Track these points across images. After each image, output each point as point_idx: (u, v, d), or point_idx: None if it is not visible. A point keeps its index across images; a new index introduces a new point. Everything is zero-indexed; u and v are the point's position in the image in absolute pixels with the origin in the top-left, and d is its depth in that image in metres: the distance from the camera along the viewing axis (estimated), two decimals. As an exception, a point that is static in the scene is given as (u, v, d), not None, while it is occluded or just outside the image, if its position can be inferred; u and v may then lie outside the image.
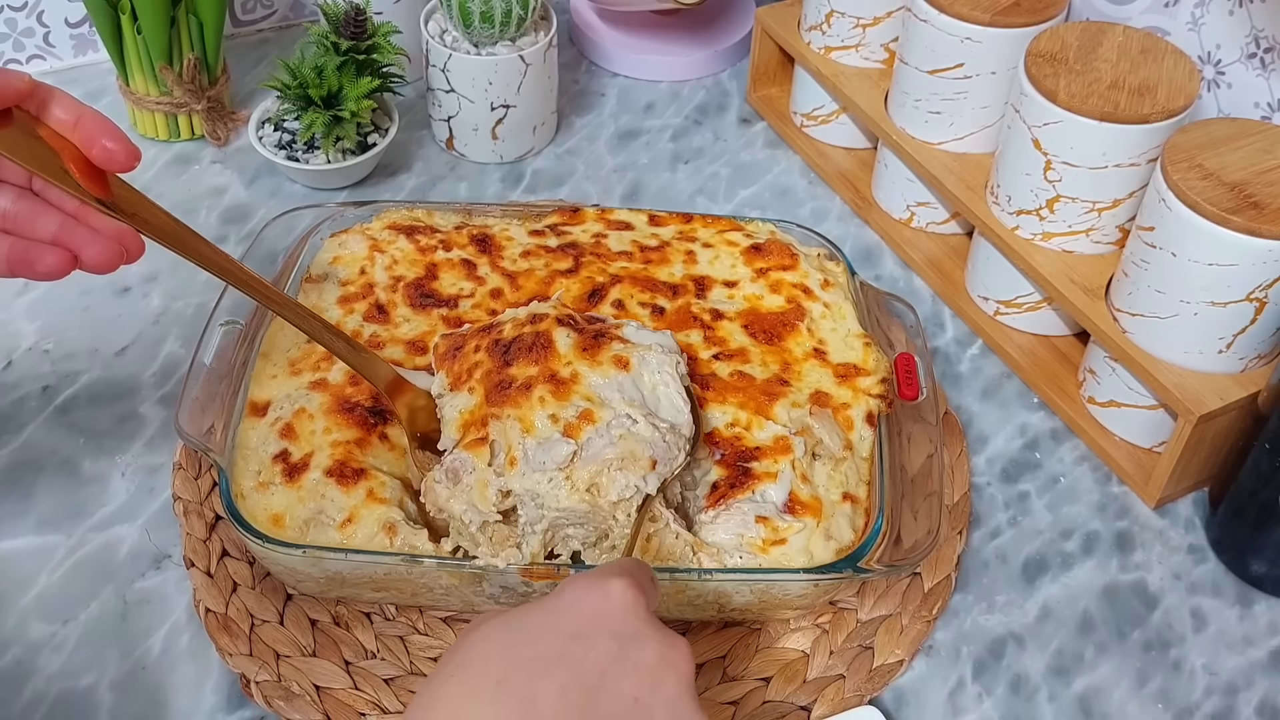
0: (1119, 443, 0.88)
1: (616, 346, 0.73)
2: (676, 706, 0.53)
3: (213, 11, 1.02)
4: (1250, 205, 0.76)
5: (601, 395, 0.71)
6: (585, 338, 0.73)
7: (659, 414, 0.72)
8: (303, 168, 1.02)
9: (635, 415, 0.70)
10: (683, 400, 0.73)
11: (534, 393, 0.71)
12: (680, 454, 0.71)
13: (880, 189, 1.05)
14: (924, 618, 0.78)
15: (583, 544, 0.71)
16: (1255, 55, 0.89)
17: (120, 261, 0.66)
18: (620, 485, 0.68)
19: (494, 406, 0.71)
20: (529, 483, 0.69)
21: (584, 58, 1.21)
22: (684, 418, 0.72)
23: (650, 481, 0.69)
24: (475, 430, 0.71)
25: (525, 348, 0.73)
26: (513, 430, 0.70)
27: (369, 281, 0.83)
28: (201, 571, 0.78)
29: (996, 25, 0.91)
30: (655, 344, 0.75)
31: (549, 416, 0.70)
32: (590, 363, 0.72)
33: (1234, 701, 0.76)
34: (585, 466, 0.69)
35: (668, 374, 0.73)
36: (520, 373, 0.72)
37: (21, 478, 0.83)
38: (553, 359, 0.72)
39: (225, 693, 0.74)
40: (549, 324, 0.74)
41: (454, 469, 0.70)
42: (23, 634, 0.75)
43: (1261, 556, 0.81)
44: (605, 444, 0.69)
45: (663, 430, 0.70)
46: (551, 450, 0.69)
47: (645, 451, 0.69)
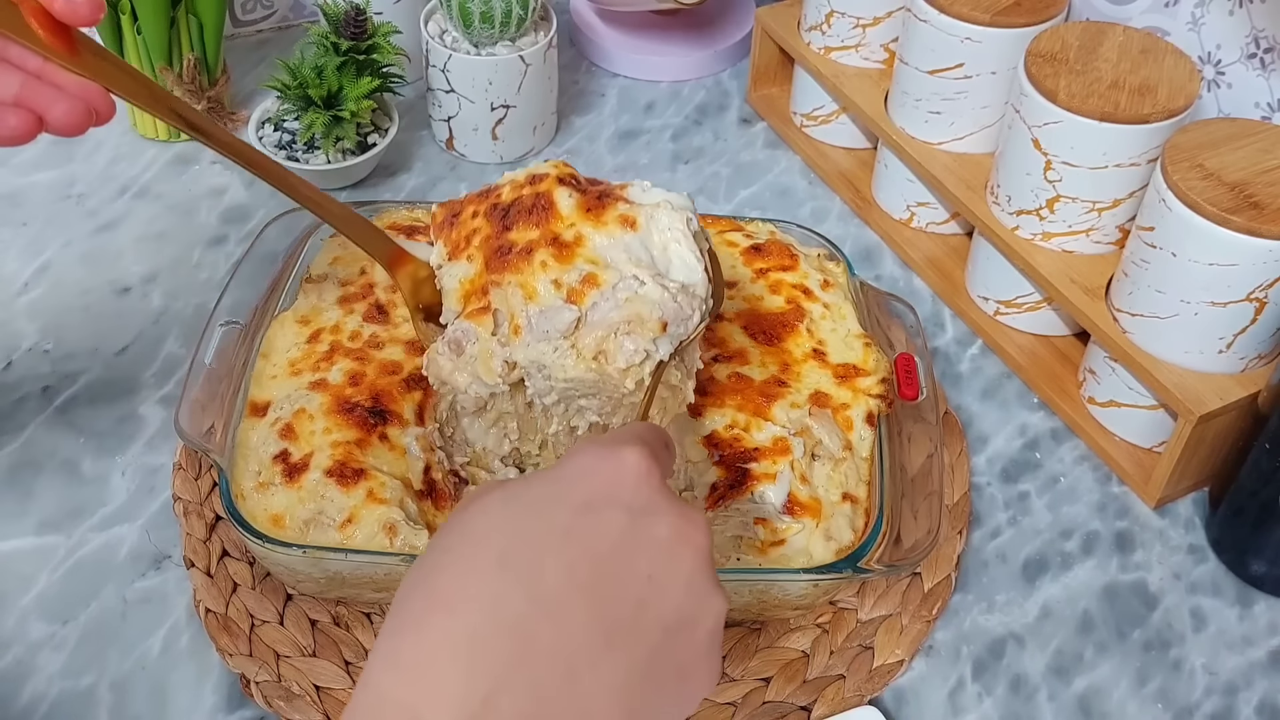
0: (1119, 443, 0.88)
1: (622, 206, 0.69)
2: (693, 583, 0.50)
3: (212, 12, 1.02)
4: (1250, 205, 0.76)
5: (606, 257, 0.67)
6: (589, 198, 0.70)
7: (670, 274, 0.68)
8: (303, 168, 1.02)
9: (643, 276, 0.67)
10: (695, 258, 0.69)
11: (535, 257, 0.67)
12: (695, 314, 0.67)
13: (880, 189, 1.05)
14: (924, 618, 0.78)
15: (599, 415, 0.69)
16: (1255, 55, 0.89)
17: (89, 122, 0.63)
18: (628, 350, 0.65)
19: (494, 274, 0.68)
20: (534, 353, 0.66)
21: (584, 58, 1.22)
22: (697, 276, 0.68)
23: (661, 345, 0.66)
24: (477, 299, 0.69)
25: (525, 210, 0.69)
26: (515, 297, 0.67)
27: (369, 281, 0.83)
28: (201, 572, 0.78)
29: (996, 25, 0.91)
30: (664, 200, 0.70)
31: (552, 282, 0.67)
32: (594, 223, 0.68)
33: (1234, 701, 0.76)
34: (591, 333, 0.66)
35: (679, 231, 0.69)
36: (520, 237, 0.68)
37: (21, 478, 0.83)
38: (554, 221, 0.68)
39: (225, 693, 0.74)
40: (549, 184, 0.70)
41: (456, 340, 0.68)
42: (23, 634, 0.75)
43: (1261, 556, 0.81)
44: (611, 308, 0.66)
45: (673, 290, 0.66)
46: (554, 317, 0.66)
47: (654, 313, 0.65)
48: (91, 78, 0.63)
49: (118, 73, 0.64)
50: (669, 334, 0.66)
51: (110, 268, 0.97)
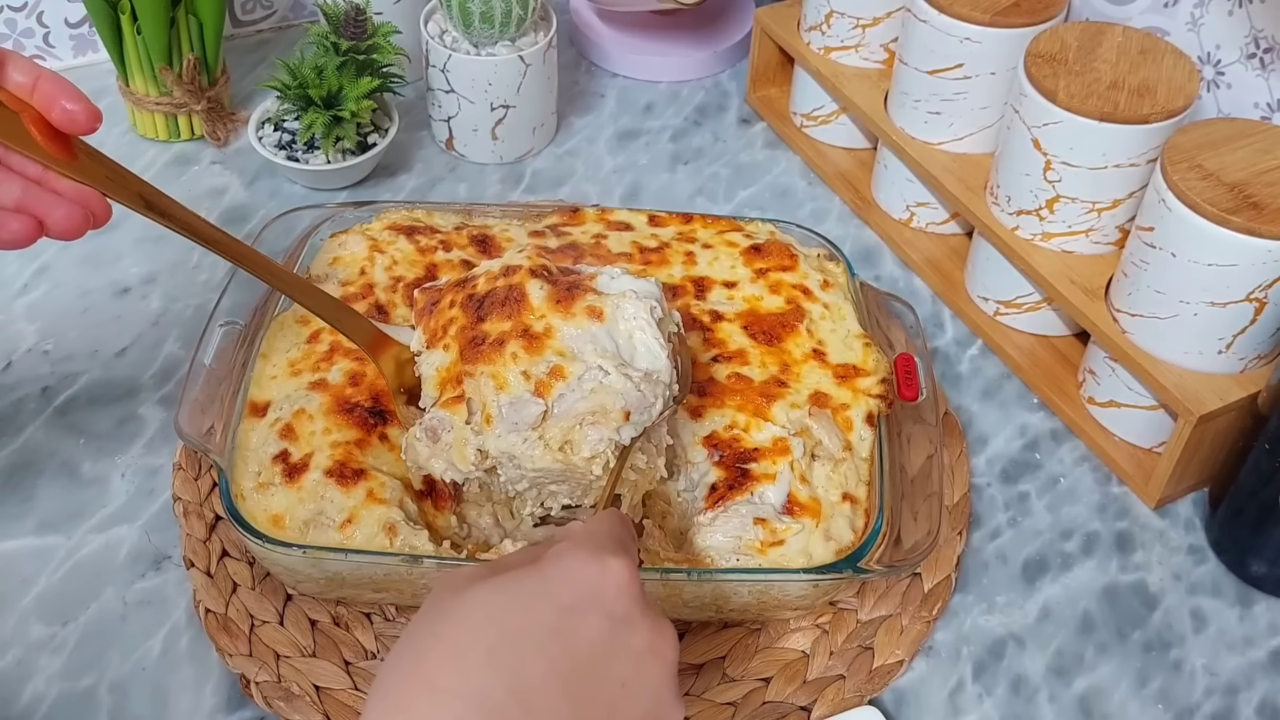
0: (1119, 443, 0.88)
1: (590, 297, 0.71)
2: (660, 694, 0.54)
3: (212, 12, 1.02)
4: (1250, 205, 0.76)
5: (573, 348, 0.70)
6: (559, 289, 0.72)
7: (635, 362, 0.70)
8: (302, 168, 1.02)
9: (607, 366, 0.69)
10: (659, 345, 0.71)
11: (506, 349, 0.70)
12: (658, 400, 0.69)
13: (880, 189, 1.05)
14: (924, 618, 0.78)
15: (570, 498, 0.71)
16: (1255, 55, 0.89)
17: (87, 226, 0.65)
18: (593, 440, 0.67)
19: (468, 364, 0.70)
20: (504, 444, 0.68)
21: (584, 58, 1.21)
22: (661, 363, 0.70)
23: (625, 432, 0.68)
24: (452, 388, 0.71)
25: (499, 302, 0.71)
26: (487, 388, 0.69)
27: (369, 282, 0.83)
28: (201, 572, 0.78)
29: (996, 25, 0.91)
30: (629, 290, 0.72)
31: (521, 373, 0.69)
32: (564, 315, 0.71)
33: (1234, 702, 0.76)
34: (557, 424, 0.68)
35: (642, 320, 0.71)
36: (493, 328, 0.71)
37: (21, 479, 0.83)
38: (525, 312, 0.71)
39: (225, 693, 0.74)
40: (522, 276, 0.72)
41: (432, 427, 0.70)
42: (23, 635, 0.75)
43: (1261, 557, 0.81)
44: (577, 398, 0.68)
45: (636, 379, 0.69)
46: (522, 410, 0.68)
47: (617, 403, 0.68)
48: (89, 184, 0.64)
49: (116, 179, 0.65)
50: (632, 422, 0.68)
51: (110, 269, 0.97)
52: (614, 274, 0.74)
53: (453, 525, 0.75)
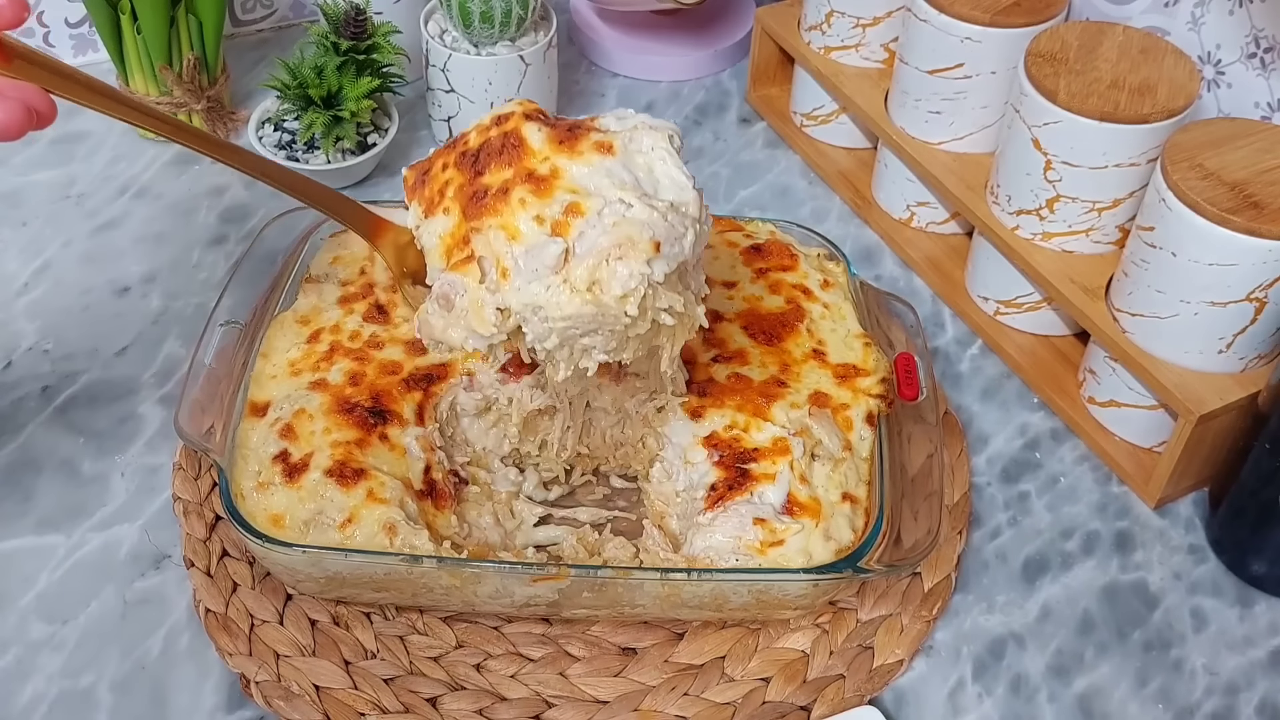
0: (1119, 443, 0.88)
1: (595, 135, 0.66)
2: None
3: (212, 11, 1.02)
4: (1250, 205, 0.76)
5: (588, 185, 0.64)
6: (559, 130, 0.67)
7: (659, 195, 0.65)
8: (303, 168, 1.02)
9: (629, 198, 0.63)
10: (684, 175, 0.65)
11: (513, 196, 0.65)
12: (689, 232, 0.64)
13: (880, 189, 1.05)
14: (924, 618, 0.78)
15: (606, 352, 0.66)
16: (1255, 55, 0.89)
17: (29, 124, 0.62)
18: (623, 276, 0.62)
19: (473, 220, 0.65)
20: (526, 295, 0.63)
21: (584, 57, 1.21)
22: (688, 193, 0.65)
23: (657, 266, 0.63)
24: (459, 250, 0.66)
25: (495, 152, 0.66)
26: (498, 240, 0.64)
27: (369, 281, 0.83)
28: (201, 571, 0.78)
29: (996, 25, 0.91)
30: (641, 122, 0.67)
31: (533, 218, 0.64)
32: (569, 154, 0.65)
33: (1234, 701, 0.76)
34: (581, 263, 0.62)
35: (662, 150, 0.66)
36: (494, 179, 0.66)
37: (21, 478, 0.83)
38: (527, 157, 0.65)
39: (225, 693, 0.74)
40: (516, 121, 0.67)
41: (444, 294, 0.65)
42: (23, 634, 0.75)
43: (1262, 556, 0.81)
44: (599, 234, 0.63)
45: (662, 209, 0.63)
46: (541, 254, 0.63)
47: (645, 234, 0.62)
48: (28, 79, 0.62)
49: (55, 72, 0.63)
50: (664, 254, 0.63)
51: (110, 268, 0.97)
52: (621, 114, 0.68)
53: (453, 525, 0.75)
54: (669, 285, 0.64)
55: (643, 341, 0.66)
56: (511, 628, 0.76)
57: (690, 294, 0.67)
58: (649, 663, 0.75)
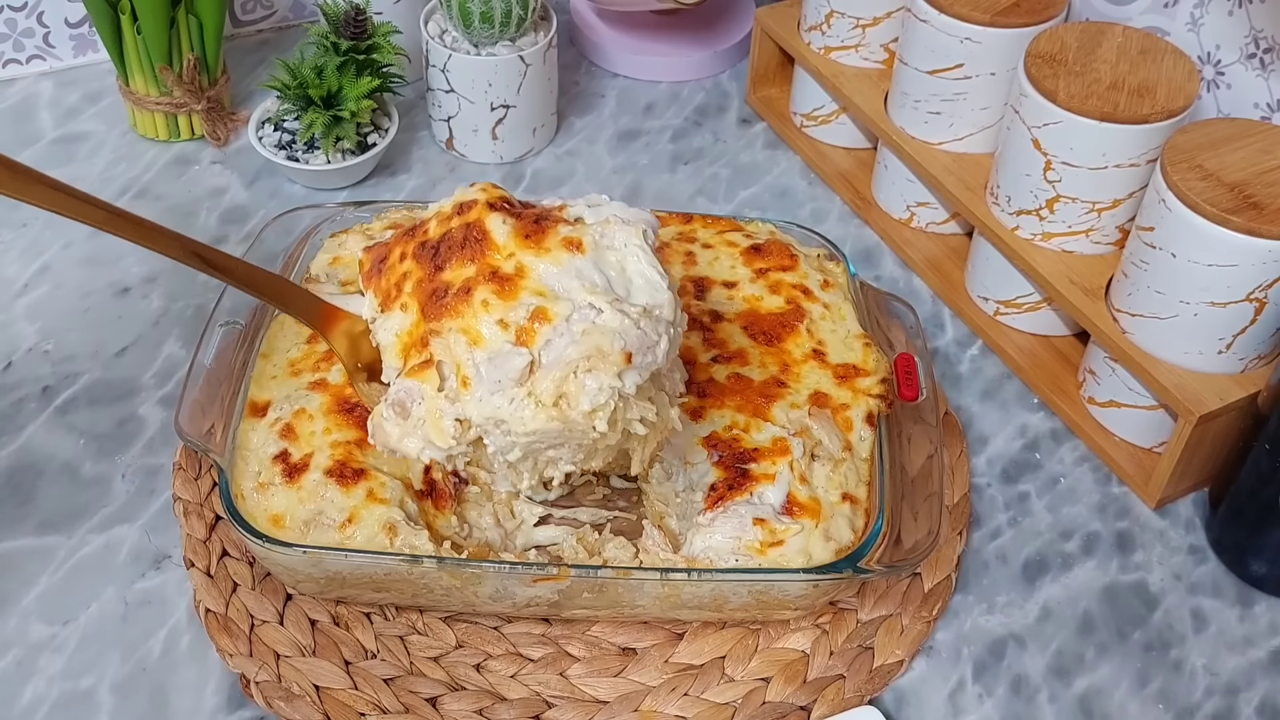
0: (1119, 443, 0.88)
1: (564, 229, 0.62)
2: None
3: (212, 12, 1.02)
4: (1250, 205, 0.76)
5: (555, 287, 0.61)
6: (525, 223, 0.63)
7: (631, 297, 0.61)
8: (302, 168, 1.02)
9: (599, 303, 0.60)
10: (659, 274, 0.62)
11: (475, 296, 0.61)
12: (662, 339, 0.61)
13: (880, 189, 1.05)
14: (924, 618, 0.78)
15: (573, 463, 0.63)
16: (1255, 55, 0.89)
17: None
18: (592, 390, 0.59)
19: (432, 321, 0.62)
20: (488, 408, 0.60)
21: (584, 58, 1.21)
22: (663, 295, 0.61)
23: (628, 378, 0.60)
24: (417, 352, 0.62)
25: (457, 245, 0.62)
26: (458, 345, 0.61)
27: (369, 282, 0.83)
28: (201, 572, 0.78)
29: (996, 25, 0.91)
30: (613, 216, 0.63)
31: (497, 322, 0.60)
32: (536, 251, 0.61)
33: (1234, 702, 0.76)
34: (547, 375, 0.59)
35: (635, 247, 0.62)
36: (456, 276, 0.62)
37: (22, 479, 0.83)
38: (491, 252, 0.61)
39: (226, 693, 0.74)
40: (479, 211, 0.63)
41: (400, 401, 0.62)
42: (23, 635, 0.75)
43: (1262, 557, 0.81)
44: (567, 343, 0.59)
45: (634, 315, 0.60)
46: (504, 364, 0.59)
47: (615, 344, 0.59)
48: None
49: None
50: (636, 365, 0.60)
51: (110, 269, 0.97)
52: (590, 200, 0.64)
53: (453, 525, 0.75)
54: (641, 394, 0.62)
55: (612, 450, 0.64)
56: (511, 628, 0.76)
57: (665, 396, 0.64)
58: (649, 663, 0.75)
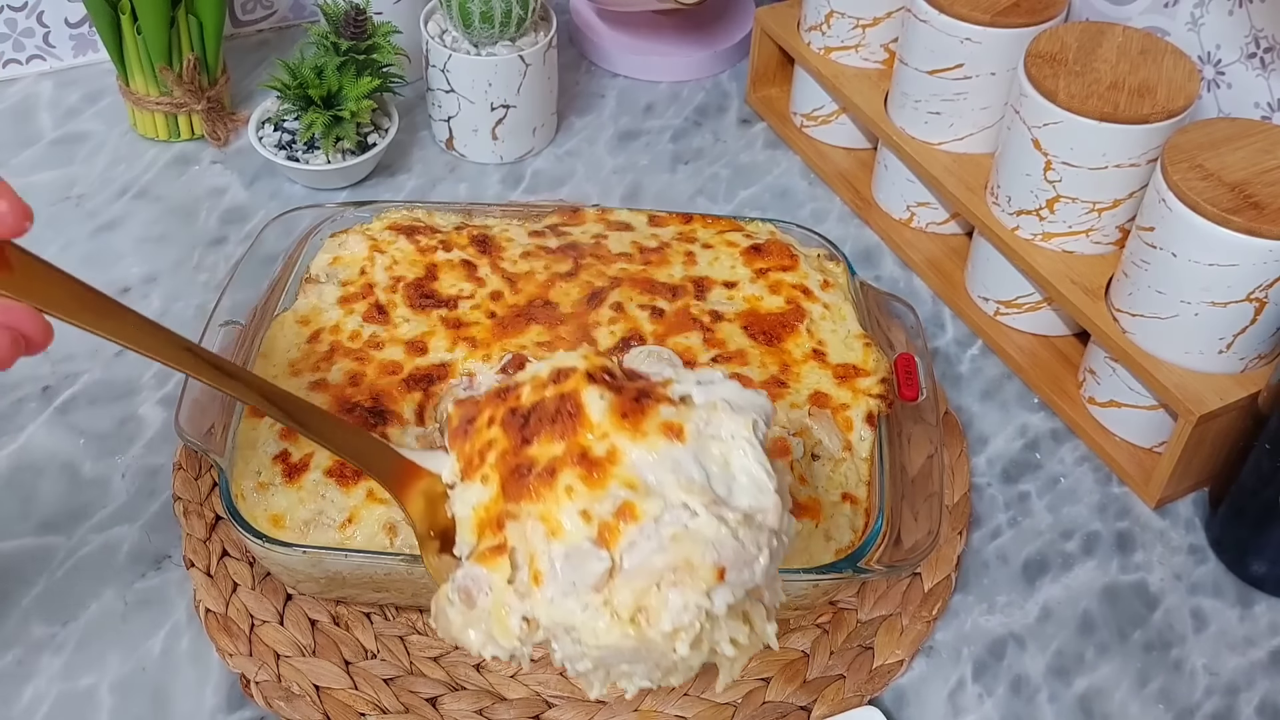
0: (1119, 443, 0.88)
1: (665, 410, 0.56)
2: None
3: (212, 12, 1.02)
4: (1250, 205, 0.76)
5: (648, 478, 0.54)
6: (624, 399, 0.56)
7: (732, 499, 0.55)
8: (302, 168, 1.02)
9: (694, 504, 0.53)
10: (766, 474, 0.55)
11: (559, 480, 0.55)
12: (763, 551, 0.54)
13: (880, 189, 1.05)
14: (924, 618, 0.78)
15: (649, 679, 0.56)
16: (1255, 55, 0.89)
17: (17, 352, 0.53)
18: (675, 608, 0.52)
19: (511, 501, 0.56)
20: (559, 611, 0.54)
21: (584, 58, 1.21)
22: (768, 499, 0.55)
23: (718, 596, 0.53)
24: (492, 533, 0.57)
25: (548, 418, 0.57)
26: (535, 534, 0.55)
27: (369, 282, 0.83)
28: (201, 572, 0.78)
29: (996, 26, 0.91)
30: (722, 400, 0.57)
31: (580, 513, 0.54)
32: (631, 433, 0.55)
33: (1235, 702, 0.76)
34: (627, 584, 0.53)
35: (743, 440, 0.56)
36: (542, 453, 0.56)
37: (22, 479, 0.83)
38: (582, 430, 0.56)
39: (225, 693, 0.74)
40: (576, 382, 0.57)
41: (466, 588, 0.56)
42: (23, 634, 0.75)
43: (1262, 557, 0.81)
44: (653, 549, 0.53)
45: (733, 523, 0.53)
46: (582, 566, 0.53)
47: (708, 556, 0.52)
48: (22, 299, 0.52)
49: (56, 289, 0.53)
50: (729, 581, 0.53)
51: (110, 269, 0.97)
52: (702, 378, 0.58)
53: (453, 525, 0.74)
54: (732, 613, 0.54)
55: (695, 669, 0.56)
56: (512, 628, 0.76)
57: (762, 609, 0.56)
58: (649, 663, 0.75)
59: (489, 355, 0.78)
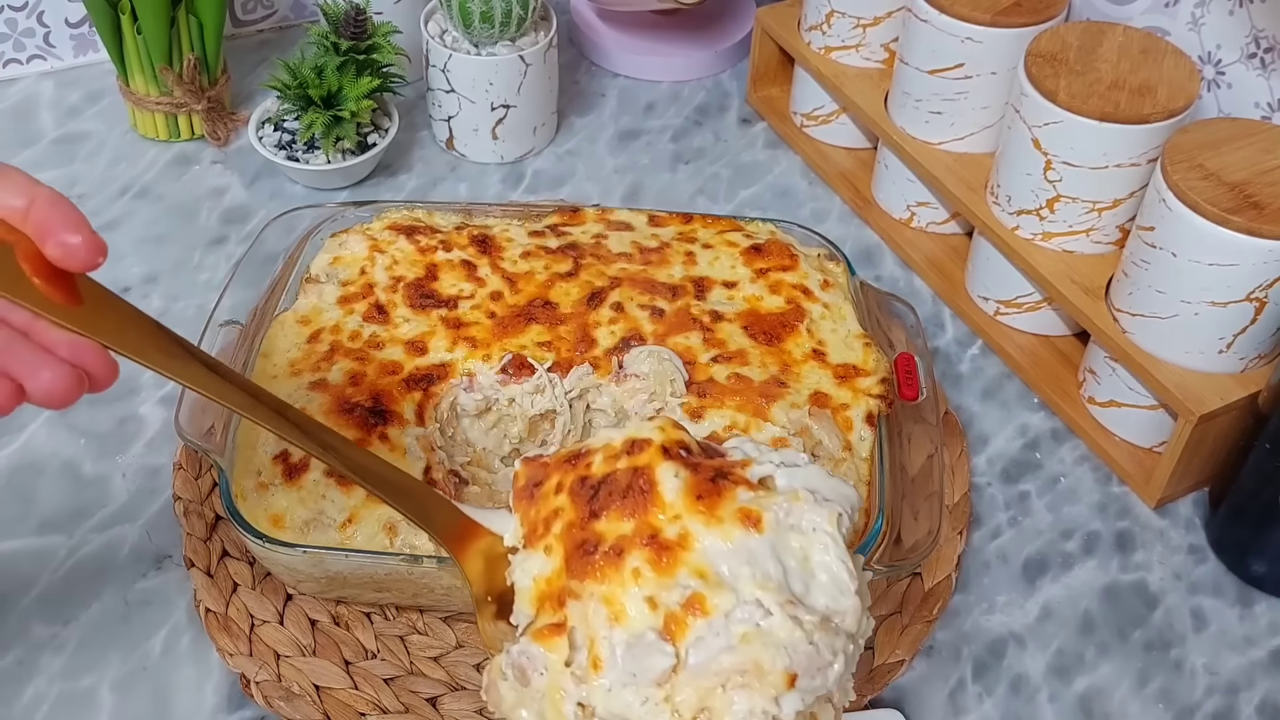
0: (1119, 443, 0.88)
1: (744, 495, 0.53)
2: None
3: (213, 12, 1.02)
4: (1250, 205, 0.76)
5: (720, 569, 0.52)
6: (700, 479, 0.54)
7: (809, 598, 0.52)
8: (303, 168, 1.02)
9: (768, 602, 0.51)
10: (849, 574, 0.52)
11: (626, 562, 0.52)
12: (838, 658, 0.51)
13: (880, 189, 1.05)
14: (924, 618, 0.78)
15: None
16: (1255, 55, 0.89)
17: (80, 391, 0.51)
18: (741, 714, 0.50)
19: (575, 578, 0.53)
20: (617, 703, 0.51)
21: (584, 58, 1.21)
22: (848, 601, 0.52)
23: (787, 704, 0.50)
24: (550, 609, 0.54)
25: (619, 491, 0.54)
26: (598, 616, 0.52)
27: (369, 282, 0.83)
28: (202, 572, 0.78)
29: (997, 25, 0.91)
30: (804, 489, 0.54)
31: (646, 599, 0.51)
32: (706, 518, 0.52)
33: (1235, 701, 0.76)
34: (692, 682, 0.50)
35: (825, 535, 0.53)
36: (610, 529, 0.53)
37: (23, 479, 0.83)
38: (654, 509, 0.53)
39: (226, 693, 0.74)
40: (651, 456, 0.54)
41: (521, 666, 0.54)
42: (24, 634, 0.75)
43: (1262, 557, 0.81)
44: (721, 647, 0.50)
45: (809, 625, 0.51)
46: (644, 658, 0.51)
47: (779, 661, 0.50)
48: (89, 336, 0.51)
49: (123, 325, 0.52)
50: (799, 688, 0.50)
51: (111, 268, 0.97)
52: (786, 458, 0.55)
53: (453, 525, 0.74)
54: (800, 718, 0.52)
55: None
56: (512, 628, 0.76)
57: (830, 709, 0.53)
58: (649, 663, 0.75)
59: (489, 355, 0.78)
